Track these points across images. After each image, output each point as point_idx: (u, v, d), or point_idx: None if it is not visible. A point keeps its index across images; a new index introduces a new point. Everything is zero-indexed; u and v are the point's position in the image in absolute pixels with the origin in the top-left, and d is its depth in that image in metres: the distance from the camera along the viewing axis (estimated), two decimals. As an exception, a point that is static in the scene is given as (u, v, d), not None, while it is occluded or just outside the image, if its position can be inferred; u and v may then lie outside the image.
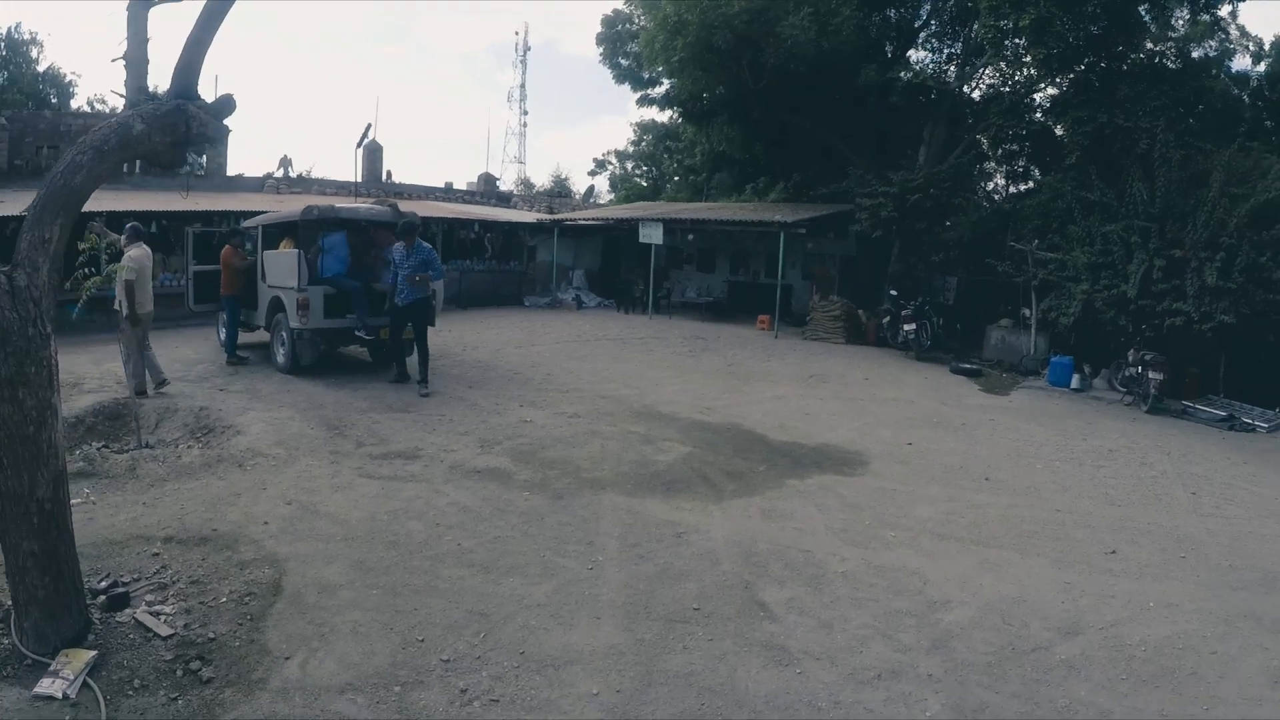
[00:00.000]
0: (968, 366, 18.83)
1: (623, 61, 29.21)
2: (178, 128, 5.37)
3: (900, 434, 11.82)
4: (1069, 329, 18.67)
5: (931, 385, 16.59)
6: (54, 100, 42.92)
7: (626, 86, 30.36)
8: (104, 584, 5.71)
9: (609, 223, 29.46)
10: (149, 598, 5.67)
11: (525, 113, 62.31)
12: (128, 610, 5.46)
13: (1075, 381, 17.58)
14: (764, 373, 16.48)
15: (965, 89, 24.86)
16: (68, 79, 46.30)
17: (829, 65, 22.61)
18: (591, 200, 48.34)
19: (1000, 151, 27.48)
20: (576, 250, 31.13)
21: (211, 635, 5.22)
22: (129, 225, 12.14)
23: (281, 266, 13.94)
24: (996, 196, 28.07)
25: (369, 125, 22.96)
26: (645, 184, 48.14)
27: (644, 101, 29.83)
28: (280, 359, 14.21)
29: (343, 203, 15.20)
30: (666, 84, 28.66)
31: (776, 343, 21.11)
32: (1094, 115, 19.50)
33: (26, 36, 45.07)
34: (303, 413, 11.11)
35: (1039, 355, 19.65)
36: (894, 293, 21.85)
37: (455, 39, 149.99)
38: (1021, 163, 27.59)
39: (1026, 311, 20.30)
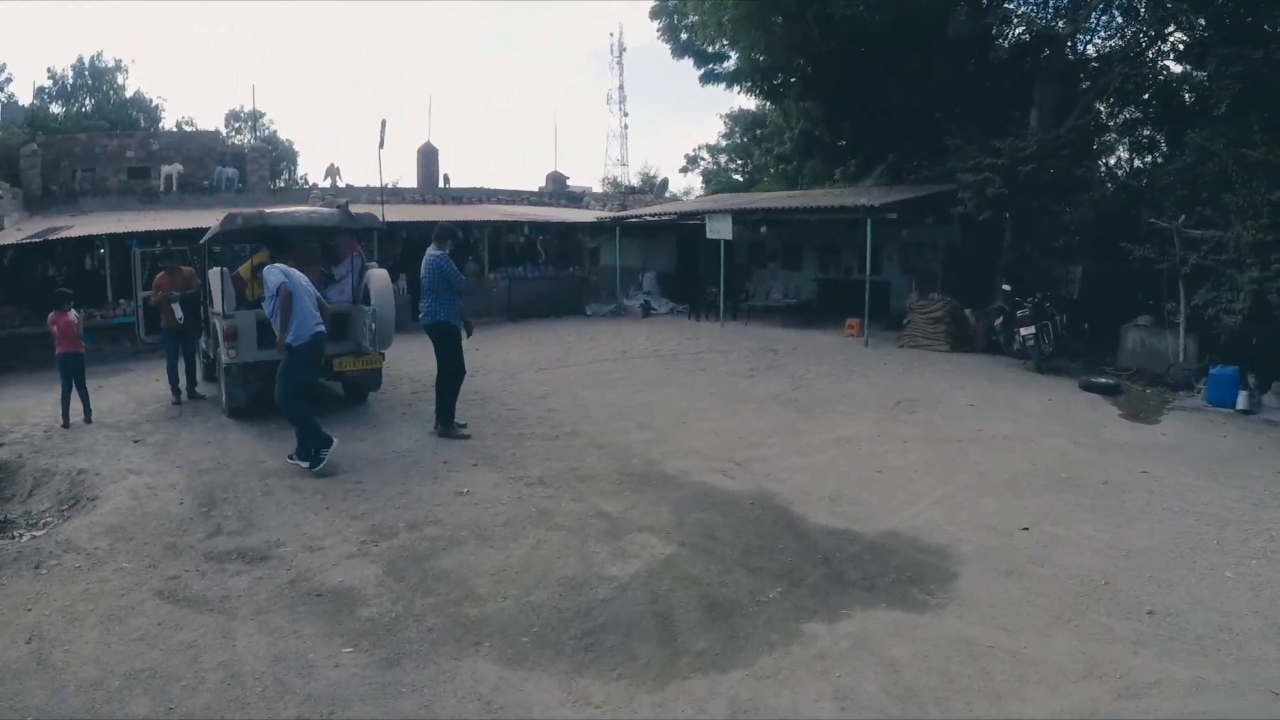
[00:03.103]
0: (1102, 381, 14.90)
1: (682, 35, 25.79)
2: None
3: (1012, 506, 8.16)
4: (1235, 329, 14.56)
5: (1057, 410, 12.82)
6: (142, 123, 42.94)
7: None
8: None
9: (675, 219, 26.12)
10: None
11: (626, 114, 59.01)
12: None
13: (1242, 400, 13.62)
14: (837, 399, 12.92)
15: (1077, 42, 20.96)
16: (154, 102, 46.93)
17: (911, 13, 18.82)
18: (668, 196, 45.17)
19: (1122, 119, 24.03)
20: (646, 251, 27.98)
21: None
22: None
23: (213, 289, 11.51)
24: (1120, 172, 24.43)
25: (384, 123, 20.00)
26: (740, 178, 44.88)
27: (709, 78, 26.11)
28: (223, 399, 11.88)
29: (279, 209, 12.48)
30: (734, 57, 25.16)
31: (865, 353, 17.47)
32: (1243, 52, 15.37)
33: (110, 63, 45.85)
34: (191, 477, 9.18)
35: (1190, 363, 15.66)
36: (1007, 287, 18.01)
37: (550, 39, 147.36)
38: (1148, 131, 23.92)
39: (1173, 306, 16.27)
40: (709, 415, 11.62)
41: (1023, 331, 16.48)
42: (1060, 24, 20.43)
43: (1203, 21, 17.43)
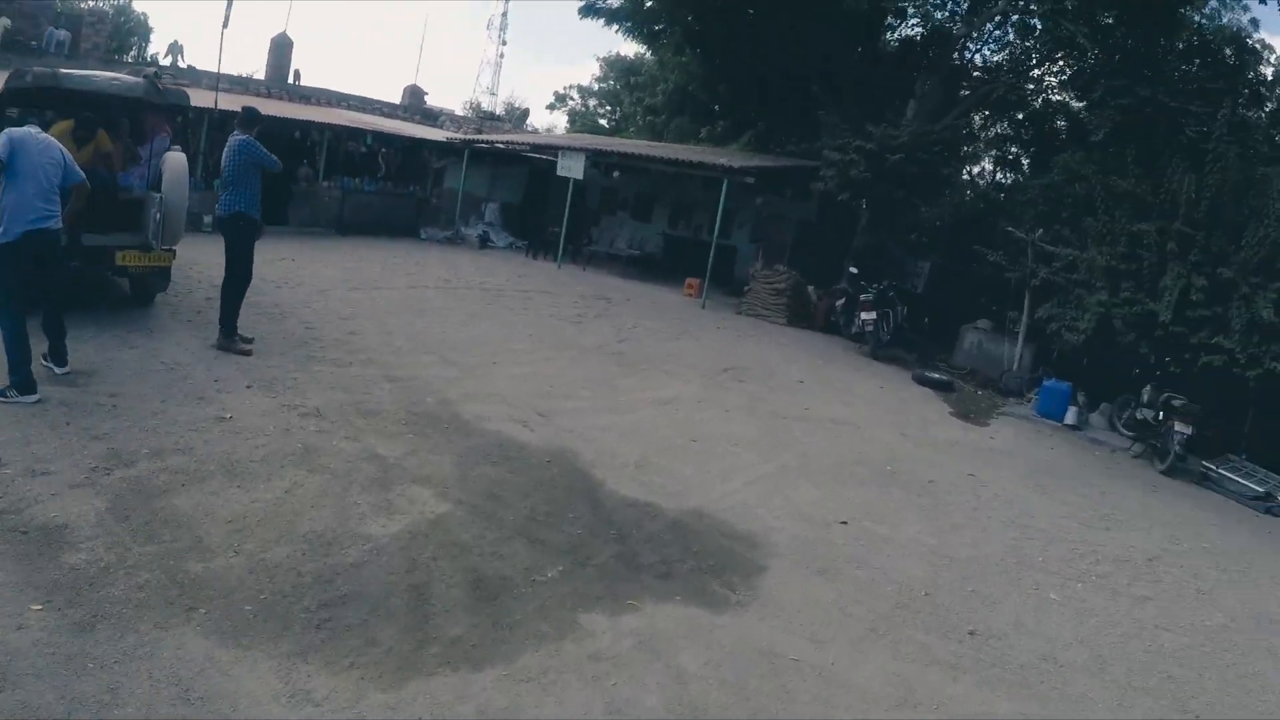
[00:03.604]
0: (936, 376, 14.62)
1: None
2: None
3: (832, 496, 7.43)
4: (1077, 346, 14.42)
5: (889, 400, 12.37)
6: None
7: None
8: None
9: (528, 150, 24.71)
10: None
11: (504, 43, 56.04)
12: None
13: (1071, 415, 13.63)
14: (663, 357, 12.00)
15: (966, 49, 20.68)
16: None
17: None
18: (527, 128, 43.50)
19: (994, 132, 24.40)
20: (494, 181, 26.33)
21: None
22: None
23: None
24: (981, 182, 25.15)
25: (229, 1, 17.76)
26: (606, 124, 43.50)
27: (590, 11, 24.40)
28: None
29: (78, 71, 10.53)
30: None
31: (701, 314, 16.63)
32: (1132, 87, 15.51)
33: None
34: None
35: (1024, 372, 15.61)
36: (854, 270, 17.57)
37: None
38: (1015, 148, 24.63)
39: (1015, 315, 16.10)
40: (523, 359, 10.49)
41: (864, 316, 15.98)
42: (956, 25, 20.01)
43: (1097, 51, 17.41)
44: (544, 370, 10.01)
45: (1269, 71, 17.23)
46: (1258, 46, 17.24)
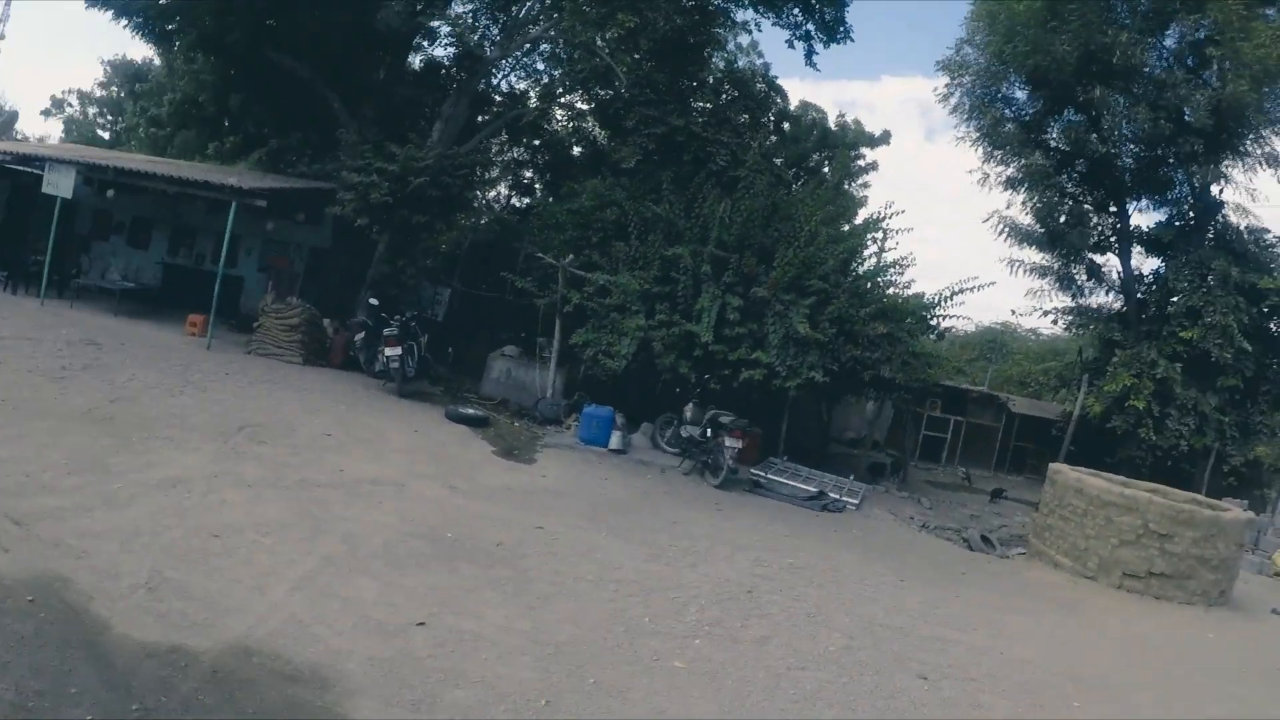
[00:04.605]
0: (470, 412, 13.53)
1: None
2: None
3: (396, 588, 6.01)
4: (619, 372, 14.21)
5: (427, 444, 11.14)
6: None
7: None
8: None
9: (9, 162, 20.37)
10: None
11: (2, 36, 46.64)
12: None
13: (615, 440, 13.39)
14: (165, 418, 9.66)
15: (494, 75, 20.37)
16: None
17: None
18: (15, 135, 37.31)
19: (510, 157, 24.46)
20: (-32, 200, 21.56)
21: None
22: None
23: None
24: (497, 205, 24.91)
25: None
26: (106, 135, 38.67)
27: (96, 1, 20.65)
28: None
29: None
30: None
31: (207, 358, 14.02)
32: (664, 118, 16.08)
33: None
34: None
35: (558, 399, 15.28)
36: (374, 301, 16.07)
37: None
38: (530, 174, 24.94)
39: (544, 341, 15.72)
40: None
41: (388, 352, 14.52)
42: (488, 49, 19.36)
43: (626, 84, 17.65)
44: (17, 451, 7.58)
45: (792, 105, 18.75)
46: (774, 79, 18.78)
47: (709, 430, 12.54)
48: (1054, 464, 13.03)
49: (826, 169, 22.77)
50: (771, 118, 18.45)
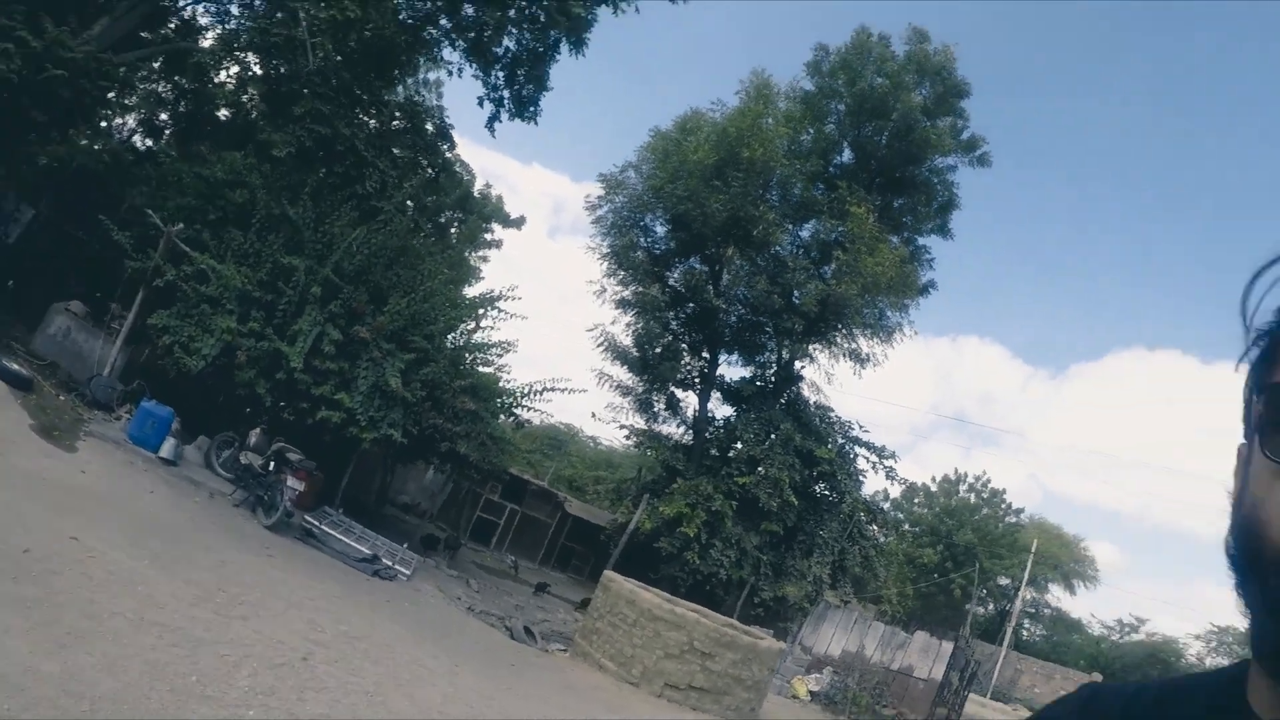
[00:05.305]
0: (16, 369, 11.26)
1: None
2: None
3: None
4: (197, 372, 12.72)
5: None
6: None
7: None
8: None
9: None
10: None
11: None
12: None
13: (168, 449, 12.02)
14: None
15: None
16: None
17: None
18: None
19: (155, 89, 20.98)
20: None
21: None
22: None
23: None
24: (117, 137, 20.97)
25: None
26: None
27: None
28: None
29: None
30: None
31: None
32: (334, 119, 15.18)
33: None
34: None
35: (115, 380, 13.41)
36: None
37: None
38: (165, 116, 21.37)
39: (119, 309, 13.89)
40: None
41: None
42: None
43: (314, 68, 16.28)
44: None
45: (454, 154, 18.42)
46: (451, 129, 18.35)
47: (272, 463, 11.67)
48: (608, 572, 13.59)
49: (454, 230, 22.72)
50: (428, 165, 17.93)
